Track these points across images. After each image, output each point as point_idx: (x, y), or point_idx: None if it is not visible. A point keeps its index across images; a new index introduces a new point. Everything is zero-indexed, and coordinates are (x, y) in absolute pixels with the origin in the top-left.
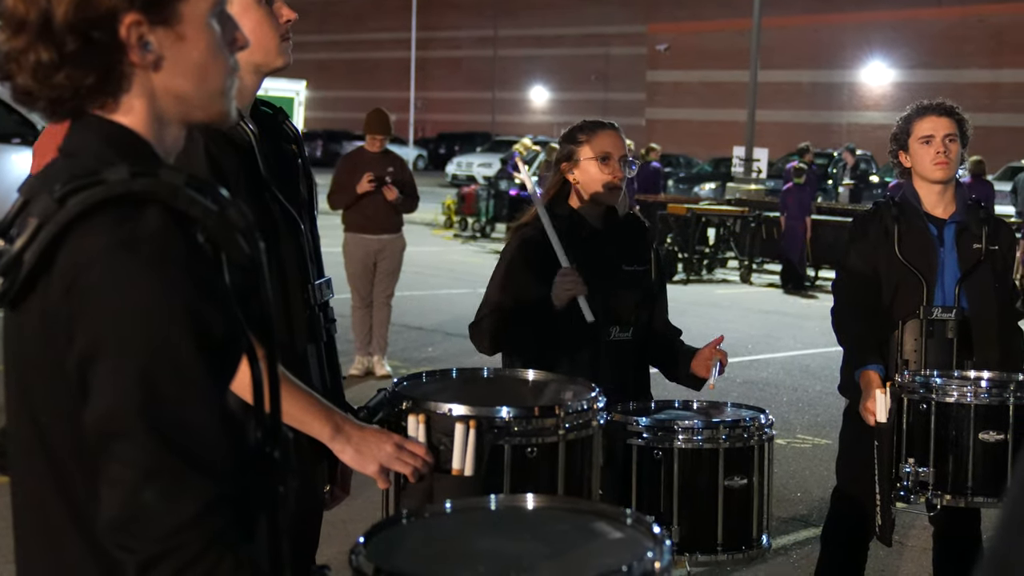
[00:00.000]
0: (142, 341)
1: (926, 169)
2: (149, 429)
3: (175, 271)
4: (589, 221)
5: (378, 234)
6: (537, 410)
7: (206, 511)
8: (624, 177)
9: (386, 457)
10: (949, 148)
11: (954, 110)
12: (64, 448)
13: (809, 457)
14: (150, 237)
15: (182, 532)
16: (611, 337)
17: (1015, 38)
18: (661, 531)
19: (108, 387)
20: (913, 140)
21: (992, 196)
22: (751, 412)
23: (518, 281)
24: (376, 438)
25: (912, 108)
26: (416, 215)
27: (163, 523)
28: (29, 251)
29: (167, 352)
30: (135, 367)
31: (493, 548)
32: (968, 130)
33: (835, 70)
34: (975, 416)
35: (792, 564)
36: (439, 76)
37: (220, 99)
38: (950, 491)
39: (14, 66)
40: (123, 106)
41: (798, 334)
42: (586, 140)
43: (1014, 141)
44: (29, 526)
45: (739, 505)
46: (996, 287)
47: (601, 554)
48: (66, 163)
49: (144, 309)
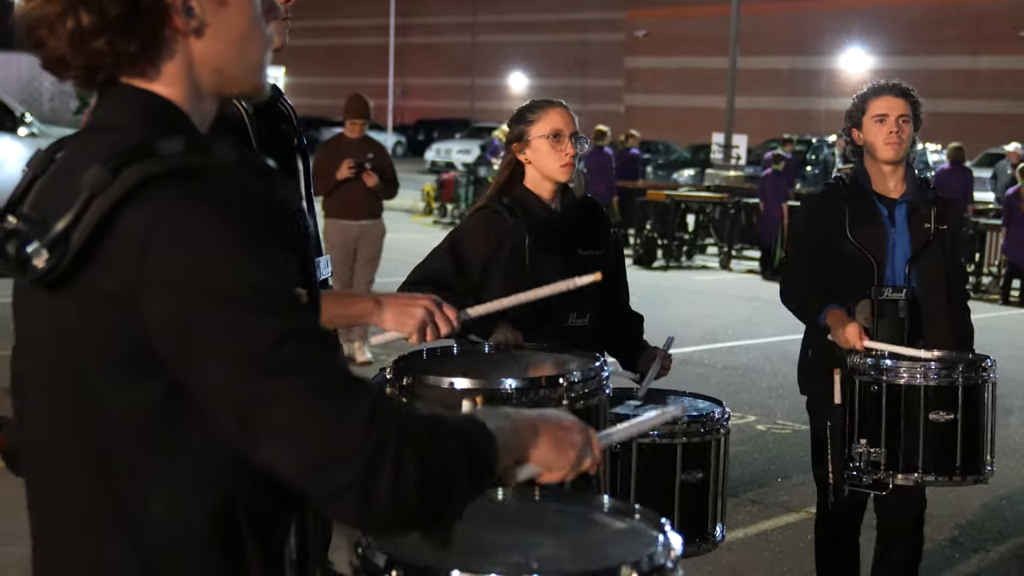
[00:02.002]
0: (239, 284)
1: (878, 147)
2: (287, 368)
3: (248, 217)
4: (544, 203)
5: (358, 220)
6: (543, 380)
7: (375, 402)
8: (576, 154)
9: (422, 317)
10: (902, 128)
11: (909, 92)
12: (118, 434)
13: (789, 443)
14: (215, 193)
15: (373, 431)
16: (568, 323)
17: (993, 25)
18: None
19: (225, 346)
20: (867, 118)
21: (971, 182)
22: (708, 405)
23: (455, 260)
24: (412, 301)
25: (868, 87)
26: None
27: (354, 432)
28: (80, 226)
29: (264, 289)
30: (244, 312)
31: (501, 541)
32: (921, 113)
33: (814, 57)
34: (925, 397)
35: (772, 549)
36: (418, 62)
37: (257, 72)
38: (901, 471)
39: (45, 31)
40: (162, 75)
41: (778, 320)
42: (535, 119)
43: (992, 128)
44: (57, 519)
45: (695, 499)
46: (946, 267)
47: (614, 544)
48: (106, 136)
49: (231, 251)
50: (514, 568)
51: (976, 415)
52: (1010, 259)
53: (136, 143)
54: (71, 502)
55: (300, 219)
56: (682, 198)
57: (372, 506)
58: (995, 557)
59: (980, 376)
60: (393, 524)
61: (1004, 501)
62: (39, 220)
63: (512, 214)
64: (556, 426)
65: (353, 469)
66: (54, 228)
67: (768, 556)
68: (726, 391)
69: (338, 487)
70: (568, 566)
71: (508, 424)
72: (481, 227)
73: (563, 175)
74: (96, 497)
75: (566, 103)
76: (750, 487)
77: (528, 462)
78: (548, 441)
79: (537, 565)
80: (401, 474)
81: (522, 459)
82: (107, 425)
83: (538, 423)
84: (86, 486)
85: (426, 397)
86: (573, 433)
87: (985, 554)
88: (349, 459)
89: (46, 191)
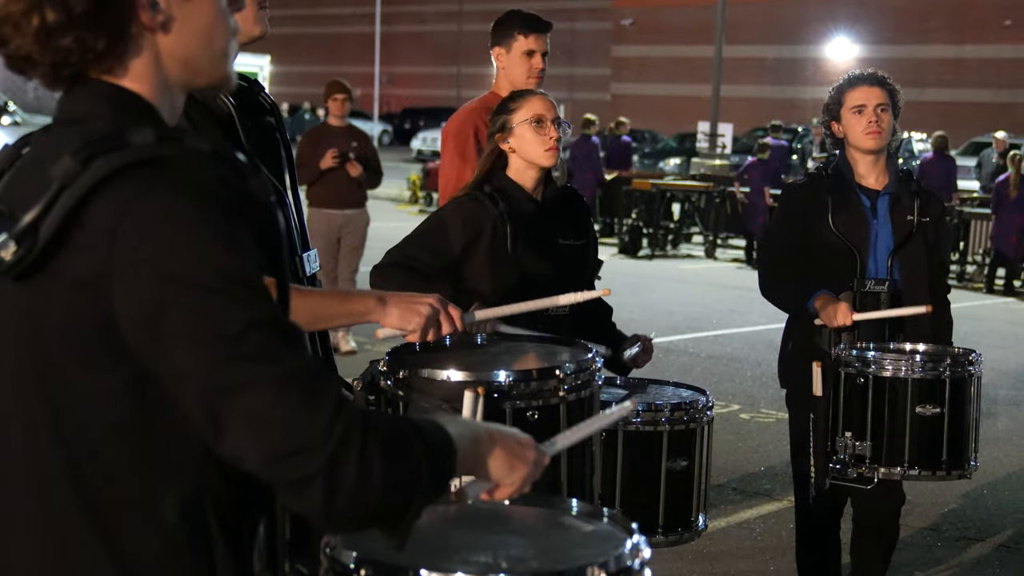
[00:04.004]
0: (207, 271)
1: (858, 138)
2: (255, 355)
3: (218, 204)
4: (527, 192)
5: (342, 209)
6: (536, 372)
7: (341, 395)
8: (559, 138)
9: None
10: (881, 117)
11: (885, 80)
12: (86, 424)
13: (773, 431)
14: (185, 182)
15: (339, 422)
16: (548, 312)
17: (978, 14)
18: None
19: (192, 331)
20: (845, 110)
21: (954, 171)
22: (691, 393)
23: (432, 248)
24: (418, 299)
25: (844, 78)
26: (381, 190)
27: (321, 423)
28: (49, 216)
29: (232, 276)
30: (211, 298)
31: (471, 542)
32: (900, 101)
33: (800, 45)
34: (912, 390)
35: (755, 538)
36: (404, 51)
37: (224, 62)
38: (885, 464)
39: (9, 30)
40: (130, 70)
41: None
42: (517, 107)
43: (977, 116)
44: (23, 511)
45: (680, 487)
46: (928, 259)
47: (582, 545)
48: (74, 129)
49: (199, 237)
50: (482, 568)
51: (962, 409)
52: (997, 247)
53: (106, 134)
54: (39, 492)
55: (273, 210)
56: (668, 187)
57: (336, 498)
58: (977, 546)
59: (967, 370)
60: (355, 520)
61: (986, 491)
62: (6, 213)
63: (494, 202)
64: (513, 442)
65: (319, 460)
66: (22, 220)
67: (750, 545)
68: (710, 380)
69: (303, 477)
70: (536, 566)
71: (468, 433)
72: (461, 215)
73: (548, 159)
74: (65, 488)
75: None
76: (733, 476)
77: (481, 474)
78: (503, 455)
79: (506, 565)
80: (366, 467)
81: (475, 470)
82: (76, 415)
83: (496, 436)
84: (55, 477)
85: (421, 390)
86: (528, 450)
87: (967, 543)
88: (315, 449)
89: (13, 185)
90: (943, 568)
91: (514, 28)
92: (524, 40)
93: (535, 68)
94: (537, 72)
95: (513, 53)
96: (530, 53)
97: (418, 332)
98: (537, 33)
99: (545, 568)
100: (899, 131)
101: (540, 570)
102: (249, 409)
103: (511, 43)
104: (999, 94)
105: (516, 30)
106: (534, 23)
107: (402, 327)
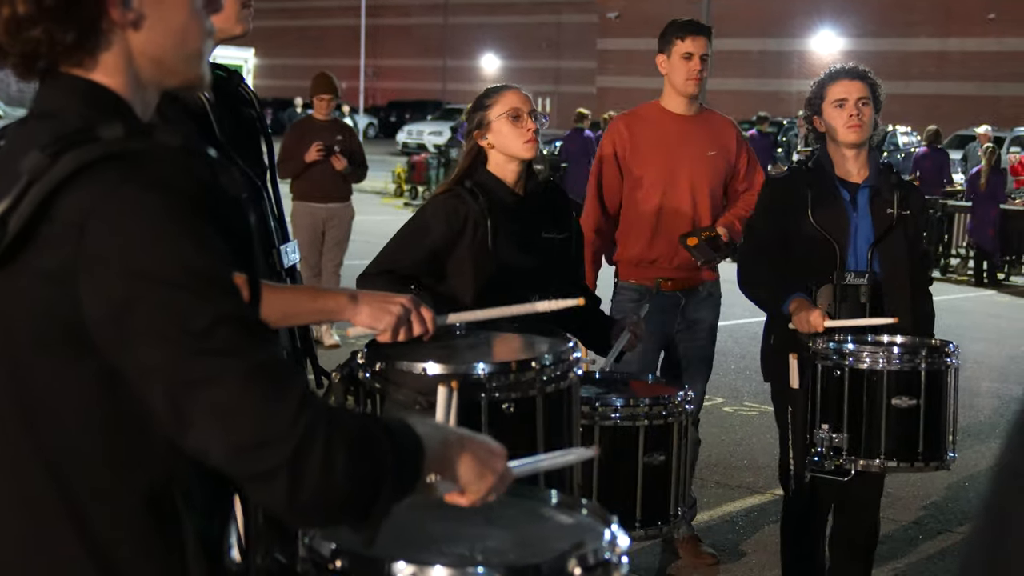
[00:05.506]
0: (174, 265)
1: (840, 132)
2: (221, 350)
3: (187, 200)
4: (508, 186)
5: (327, 203)
6: (514, 364)
7: (306, 390)
8: (537, 129)
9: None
10: (862, 111)
11: (866, 74)
12: (56, 417)
13: (756, 425)
14: (154, 177)
15: (304, 417)
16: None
17: (962, 7)
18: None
19: (158, 326)
20: (827, 104)
21: (947, 165)
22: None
23: (416, 248)
24: (390, 299)
25: (825, 73)
26: (366, 183)
27: (285, 416)
28: (17, 210)
29: (200, 271)
30: (178, 293)
31: (449, 533)
32: (881, 95)
33: (785, 38)
34: (888, 382)
35: (737, 531)
36: (390, 44)
37: (197, 63)
38: (863, 456)
39: None
40: (100, 65)
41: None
42: (492, 103)
43: (962, 110)
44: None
45: (658, 481)
46: (908, 252)
47: (560, 537)
48: (45, 123)
49: (167, 232)
50: (459, 559)
51: (939, 401)
52: (976, 240)
53: (76, 128)
54: (12, 485)
55: (244, 206)
56: None
57: (300, 492)
58: (959, 538)
59: (943, 362)
60: (320, 514)
61: (968, 483)
62: None
63: (474, 197)
64: (484, 449)
65: (282, 453)
66: None
67: (733, 538)
68: None
69: (268, 470)
70: (513, 558)
71: (439, 436)
72: (443, 211)
73: (528, 151)
74: (38, 481)
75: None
76: (715, 469)
77: (449, 477)
78: (471, 461)
79: (482, 557)
80: (330, 462)
81: (443, 472)
82: (47, 406)
83: (466, 442)
84: (27, 468)
85: (399, 382)
86: (497, 460)
87: (949, 535)
88: (279, 443)
89: None
90: (925, 560)
91: (673, 34)
92: (682, 44)
93: (693, 70)
94: (696, 74)
95: (673, 57)
96: (688, 56)
97: (389, 332)
98: (694, 36)
99: (522, 560)
100: (881, 124)
101: (517, 562)
102: (215, 402)
103: (671, 48)
104: (983, 87)
105: (674, 35)
106: (690, 27)
107: (373, 326)
